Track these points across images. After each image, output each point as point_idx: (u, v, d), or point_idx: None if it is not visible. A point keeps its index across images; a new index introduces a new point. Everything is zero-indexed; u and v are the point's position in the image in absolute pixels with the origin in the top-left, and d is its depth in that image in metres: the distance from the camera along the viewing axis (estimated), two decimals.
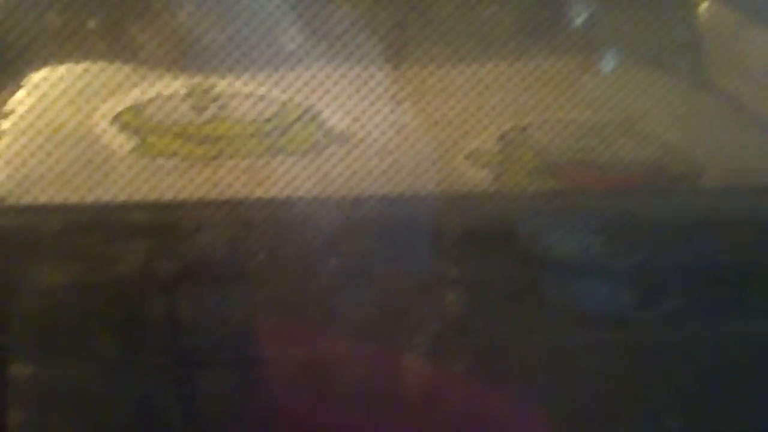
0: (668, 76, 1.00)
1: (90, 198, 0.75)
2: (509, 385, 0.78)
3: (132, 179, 0.77)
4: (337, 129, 0.85)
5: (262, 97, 0.86)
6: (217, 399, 0.72)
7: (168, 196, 0.76)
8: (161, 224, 0.72)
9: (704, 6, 1.08)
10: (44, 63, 0.83)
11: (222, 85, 0.86)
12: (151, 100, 0.84)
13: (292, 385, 0.73)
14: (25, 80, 0.83)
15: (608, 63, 0.95)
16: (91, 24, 0.84)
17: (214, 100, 0.86)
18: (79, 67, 0.82)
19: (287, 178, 0.80)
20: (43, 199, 0.75)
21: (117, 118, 0.82)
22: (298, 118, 0.86)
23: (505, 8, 0.95)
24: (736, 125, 0.96)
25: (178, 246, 0.69)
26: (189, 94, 0.85)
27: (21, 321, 0.70)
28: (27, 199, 0.75)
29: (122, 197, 0.76)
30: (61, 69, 0.83)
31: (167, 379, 0.71)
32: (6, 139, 0.78)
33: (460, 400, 0.76)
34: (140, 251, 0.68)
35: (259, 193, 0.78)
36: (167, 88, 0.86)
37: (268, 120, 0.85)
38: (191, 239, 0.69)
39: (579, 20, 0.95)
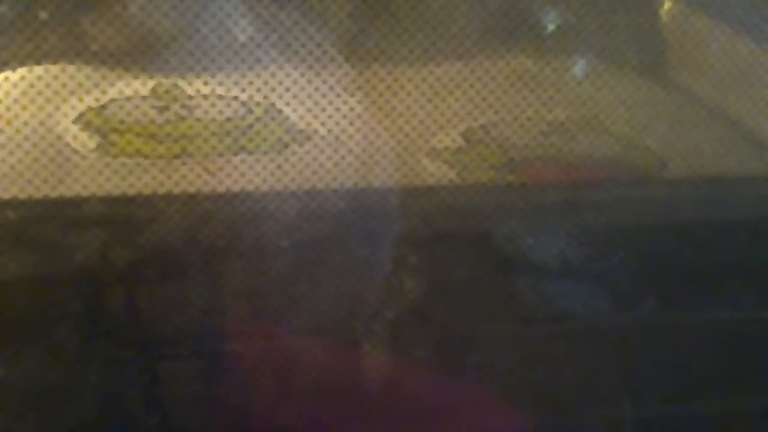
0: (630, 74, 1.02)
1: (52, 195, 0.75)
2: (467, 377, 0.79)
3: (94, 177, 0.77)
4: (299, 127, 0.86)
5: (223, 97, 0.87)
6: (178, 391, 0.72)
7: (131, 193, 0.76)
8: (119, 216, 0.72)
9: (666, 6, 1.10)
10: (4, 65, 0.84)
11: (183, 85, 0.87)
12: (113, 100, 0.85)
13: (255, 377, 0.73)
14: None
15: (571, 61, 0.96)
16: (50, 25, 0.84)
17: (176, 99, 0.86)
18: (41, 69, 0.83)
19: (249, 176, 0.81)
20: (4, 196, 0.75)
21: (79, 117, 0.83)
22: (260, 117, 0.86)
23: (467, 8, 0.96)
24: (696, 120, 0.98)
25: (135, 237, 0.70)
26: (151, 95, 0.86)
27: None
28: None
29: (85, 194, 0.76)
30: (23, 70, 0.83)
31: (128, 372, 0.71)
32: None
33: (421, 393, 0.77)
34: (97, 242, 0.68)
35: (221, 189, 0.78)
36: (129, 88, 0.86)
37: (230, 119, 0.86)
38: (149, 230, 0.70)
39: (541, 20, 0.96)
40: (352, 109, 0.86)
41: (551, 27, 0.97)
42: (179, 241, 0.71)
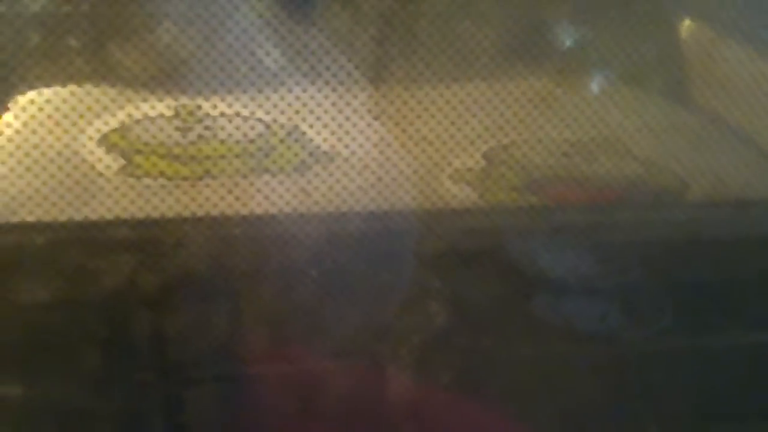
0: (652, 95, 1.02)
1: (77, 217, 0.75)
2: (492, 399, 0.78)
3: (119, 199, 0.78)
4: (322, 148, 0.86)
5: (245, 118, 0.87)
6: (203, 414, 0.72)
7: (155, 215, 0.76)
8: (147, 240, 0.73)
9: (684, 25, 1.10)
10: (31, 86, 0.84)
11: (207, 106, 0.87)
12: (137, 122, 0.85)
13: (278, 401, 0.73)
14: (11, 103, 0.84)
15: (592, 82, 0.96)
16: (76, 47, 0.85)
17: (199, 121, 0.86)
18: (66, 90, 0.83)
19: (273, 197, 0.81)
20: (30, 218, 0.76)
21: (103, 139, 0.83)
22: (283, 139, 0.87)
23: (489, 29, 0.96)
24: (718, 141, 0.97)
25: (163, 262, 0.70)
26: (174, 116, 0.86)
27: (4, 338, 0.70)
28: (15, 219, 0.76)
29: (109, 217, 0.76)
30: (48, 92, 0.84)
31: (153, 395, 0.71)
32: None
33: (445, 414, 0.77)
34: (125, 267, 0.68)
35: (245, 211, 0.78)
36: (153, 109, 0.87)
37: (252, 140, 0.86)
38: (176, 255, 0.70)
39: (560, 40, 0.96)
40: (374, 130, 0.86)
41: (572, 47, 0.97)
42: (203, 264, 0.71)
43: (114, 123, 0.84)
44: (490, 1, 0.97)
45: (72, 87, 0.83)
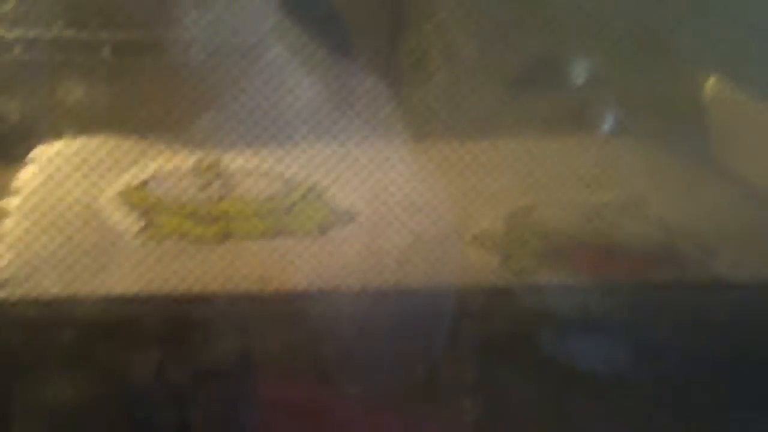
0: (675, 157, 1.00)
1: (94, 283, 0.74)
2: None
3: (139, 264, 0.76)
4: (343, 207, 0.84)
5: (265, 174, 0.85)
6: None
7: (178, 284, 0.74)
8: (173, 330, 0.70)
9: (708, 85, 1.08)
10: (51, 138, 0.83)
11: (226, 160, 0.85)
12: (155, 177, 0.83)
13: None
14: (33, 155, 0.82)
15: (613, 143, 0.95)
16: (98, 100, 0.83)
17: (218, 176, 0.85)
18: (79, 142, 0.81)
19: (291, 261, 0.80)
20: (46, 283, 0.74)
21: (123, 196, 0.81)
22: (304, 195, 0.85)
23: (505, 87, 0.95)
24: (746, 206, 0.96)
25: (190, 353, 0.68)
26: (192, 171, 0.85)
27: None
28: (30, 285, 0.74)
29: (129, 284, 0.74)
30: (60, 144, 0.82)
31: None
32: (11, 220, 0.77)
33: None
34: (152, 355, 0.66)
35: (270, 279, 0.77)
36: (172, 163, 0.85)
37: (272, 198, 0.84)
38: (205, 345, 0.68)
39: (583, 99, 0.95)
40: (393, 193, 0.84)
41: (594, 107, 0.95)
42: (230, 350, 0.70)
43: (133, 178, 0.83)
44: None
45: (85, 138, 0.82)
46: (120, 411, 0.67)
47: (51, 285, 0.74)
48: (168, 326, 0.70)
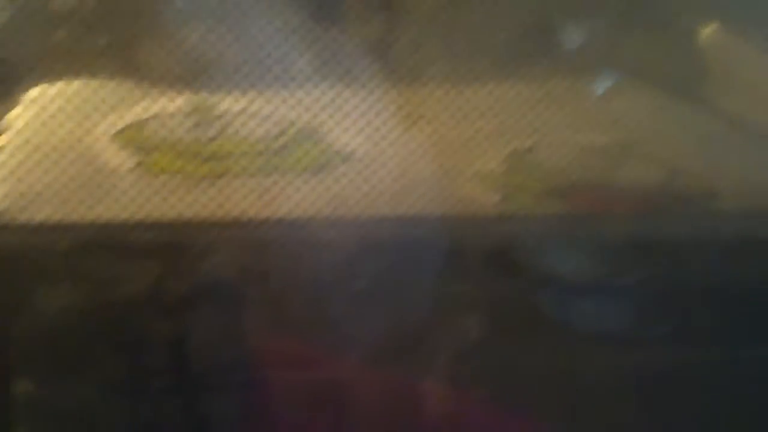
0: (674, 99, 0.99)
1: (89, 215, 0.73)
2: (513, 405, 0.76)
3: (134, 197, 0.75)
4: (336, 148, 0.83)
5: (258, 115, 0.84)
6: (224, 424, 0.70)
7: (171, 214, 0.74)
8: (166, 245, 0.70)
9: (709, 30, 1.08)
10: (42, 78, 0.82)
11: (220, 102, 0.84)
12: (153, 118, 0.83)
13: (302, 411, 0.71)
14: (23, 96, 0.82)
15: (612, 85, 0.94)
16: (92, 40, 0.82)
17: (213, 117, 0.84)
18: (78, 83, 0.81)
19: (295, 199, 0.79)
20: (40, 216, 0.73)
21: (118, 135, 0.81)
22: (296, 137, 0.84)
23: (510, 29, 0.94)
24: (746, 147, 0.95)
25: (183, 268, 0.67)
26: (192, 112, 0.84)
27: (23, 344, 0.68)
28: (24, 217, 0.73)
29: (123, 215, 0.74)
30: (60, 85, 0.81)
31: (173, 403, 0.68)
32: (2, 155, 0.77)
33: (462, 417, 0.75)
34: (144, 273, 0.66)
35: (265, 213, 0.76)
36: (169, 105, 0.84)
37: (273, 139, 0.84)
38: (197, 261, 0.67)
39: (584, 42, 0.94)
40: (391, 130, 0.84)
41: (593, 48, 0.94)
42: (226, 269, 0.69)
43: (128, 118, 0.82)
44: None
45: (85, 80, 0.81)
46: (114, 326, 0.67)
47: (45, 216, 0.73)
48: (162, 248, 0.70)
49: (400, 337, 0.71)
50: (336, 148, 0.83)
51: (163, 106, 0.84)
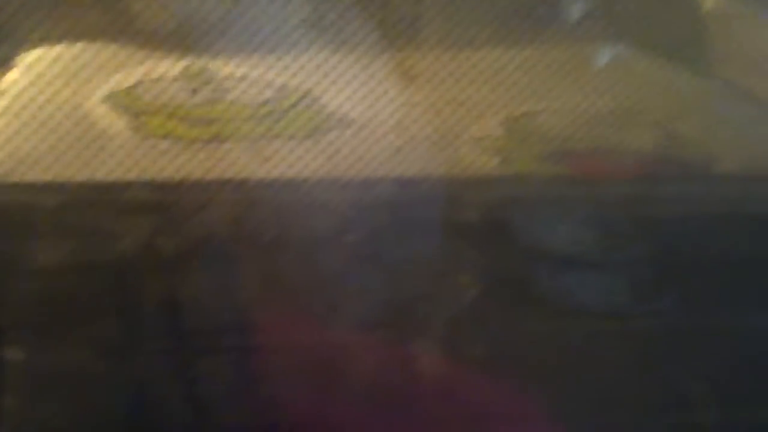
0: (674, 67, 0.99)
1: (83, 176, 0.73)
2: (502, 370, 0.76)
3: (128, 159, 0.75)
4: (338, 113, 0.83)
5: (258, 80, 0.84)
6: (219, 384, 0.70)
7: (165, 175, 0.74)
8: (157, 203, 0.70)
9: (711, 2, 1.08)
10: (39, 43, 0.81)
11: (216, 67, 0.84)
12: (145, 82, 0.82)
13: (297, 372, 0.70)
14: (17, 60, 0.81)
15: (616, 53, 0.93)
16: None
17: (208, 82, 0.83)
18: (75, 48, 0.80)
19: (287, 162, 0.78)
20: (35, 177, 0.73)
21: (110, 98, 0.80)
22: (297, 102, 0.84)
23: None
24: (745, 114, 0.95)
25: (176, 226, 0.67)
26: (182, 76, 0.83)
27: (16, 301, 0.68)
28: (20, 178, 0.73)
29: (116, 176, 0.74)
30: (56, 49, 0.81)
31: (167, 363, 0.68)
32: (1, 118, 0.76)
33: (455, 385, 0.74)
34: (136, 230, 0.65)
35: (259, 175, 0.76)
36: (166, 70, 0.84)
37: (265, 103, 0.83)
38: (190, 219, 0.67)
39: (586, 9, 0.93)
40: (390, 96, 0.83)
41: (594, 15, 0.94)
42: (219, 229, 0.69)
43: (121, 82, 0.81)
44: None
45: (80, 44, 0.81)
46: (107, 284, 0.66)
47: (40, 177, 0.73)
48: (155, 207, 0.69)
49: (395, 297, 0.71)
50: (331, 111, 0.82)
51: (160, 71, 0.83)
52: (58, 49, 0.81)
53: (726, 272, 0.81)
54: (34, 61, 0.80)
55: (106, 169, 0.74)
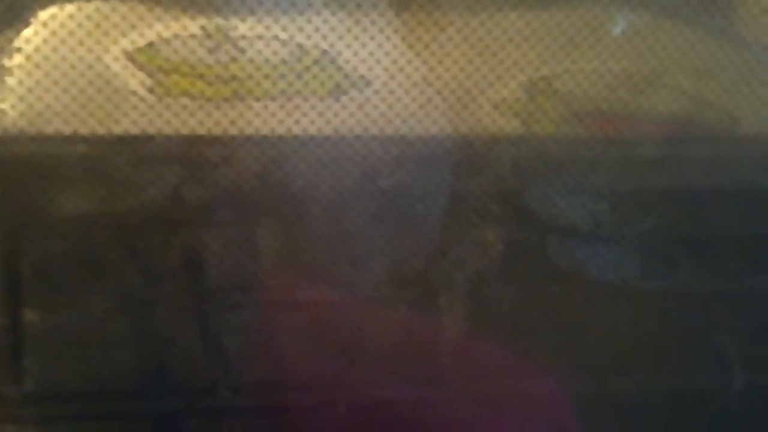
0: (698, 29, 0.97)
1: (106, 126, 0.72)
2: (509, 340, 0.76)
3: (148, 116, 0.74)
4: (357, 73, 0.82)
5: (277, 38, 0.83)
6: (236, 342, 0.69)
7: (185, 132, 0.73)
8: (180, 156, 0.69)
9: None
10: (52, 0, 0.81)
11: (235, 24, 0.83)
12: (164, 40, 0.81)
13: (314, 330, 0.70)
14: (33, 18, 0.80)
15: (635, 14, 0.92)
16: None
17: (227, 39, 0.83)
18: (93, 5, 0.79)
19: (306, 120, 0.78)
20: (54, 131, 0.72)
21: (129, 56, 0.79)
22: (317, 60, 0.83)
23: None
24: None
25: (198, 180, 0.66)
26: (200, 34, 0.82)
27: (39, 253, 0.68)
28: (38, 131, 0.73)
29: (141, 127, 0.73)
30: (71, 7, 0.80)
31: (189, 319, 0.68)
32: (17, 75, 0.76)
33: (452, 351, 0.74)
34: (159, 183, 0.65)
35: (277, 133, 0.75)
36: (186, 27, 0.83)
37: (284, 61, 0.82)
38: (212, 173, 0.66)
39: None
40: (414, 57, 0.82)
41: None
42: (242, 185, 0.68)
43: (140, 40, 0.80)
44: None
45: (96, 2, 0.80)
46: (129, 239, 0.66)
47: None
48: (176, 160, 0.69)
49: (414, 256, 0.70)
50: (350, 71, 0.82)
51: (180, 28, 0.82)
52: (73, 7, 0.80)
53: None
54: (49, 19, 0.79)
55: (127, 126, 0.73)
